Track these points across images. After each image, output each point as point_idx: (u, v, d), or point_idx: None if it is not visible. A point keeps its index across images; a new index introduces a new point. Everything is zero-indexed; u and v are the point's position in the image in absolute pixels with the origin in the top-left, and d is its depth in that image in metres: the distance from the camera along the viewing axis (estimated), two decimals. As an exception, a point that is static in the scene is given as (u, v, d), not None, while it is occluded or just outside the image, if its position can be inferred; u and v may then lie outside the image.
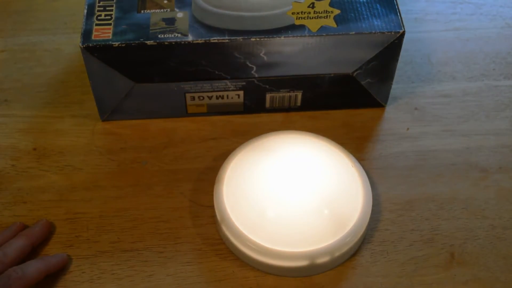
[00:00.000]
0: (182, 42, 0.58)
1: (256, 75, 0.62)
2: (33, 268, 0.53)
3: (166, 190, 0.61)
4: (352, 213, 0.55)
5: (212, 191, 0.58)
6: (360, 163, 0.61)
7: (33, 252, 0.56)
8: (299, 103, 0.65)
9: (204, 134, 0.65)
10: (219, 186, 0.57)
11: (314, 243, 0.54)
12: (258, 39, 0.59)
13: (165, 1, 0.61)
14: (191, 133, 0.65)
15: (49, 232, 0.57)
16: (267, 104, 0.65)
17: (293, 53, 0.60)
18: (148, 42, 0.58)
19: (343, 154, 0.59)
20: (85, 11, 0.60)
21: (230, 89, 0.63)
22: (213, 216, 0.58)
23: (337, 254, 0.54)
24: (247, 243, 0.54)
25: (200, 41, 0.58)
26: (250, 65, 0.61)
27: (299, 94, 0.65)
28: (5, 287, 0.50)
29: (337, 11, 0.61)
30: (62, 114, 0.66)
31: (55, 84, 0.69)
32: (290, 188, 0.56)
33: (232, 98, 0.64)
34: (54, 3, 0.76)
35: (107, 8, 0.61)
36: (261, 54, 0.60)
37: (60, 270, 0.55)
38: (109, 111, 0.65)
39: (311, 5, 0.61)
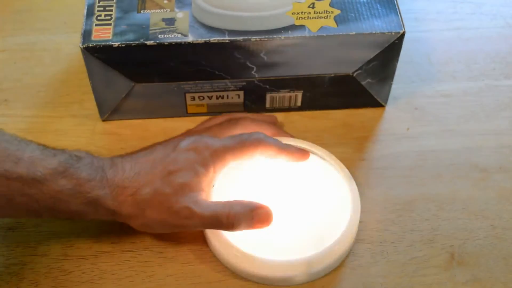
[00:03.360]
0: (182, 42, 0.58)
1: (256, 75, 0.62)
2: (276, 141, 0.56)
3: (166, 190, 0.61)
4: (336, 228, 0.55)
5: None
6: (360, 163, 0.61)
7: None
8: (299, 103, 0.65)
9: (204, 134, 0.65)
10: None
11: (292, 255, 0.53)
12: (258, 39, 0.59)
13: (165, 1, 0.61)
14: (191, 133, 0.65)
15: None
16: (267, 104, 0.65)
17: (293, 53, 0.60)
18: (148, 43, 0.58)
19: (337, 167, 0.58)
20: (85, 11, 0.60)
21: (230, 89, 0.63)
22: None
23: (314, 268, 0.53)
24: (232, 251, 0.54)
25: (200, 41, 0.58)
26: (250, 65, 0.61)
27: (299, 94, 0.65)
28: (243, 141, 0.55)
29: (337, 11, 0.61)
30: (62, 114, 0.66)
31: (55, 84, 0.69)
32: (278, 198, 0.56)
33: (232, 98, 0.64)
34: (54, 3, 0.76)
35: (107, 8, 0.60)
36: (261, 54, 0.60)
37: (295, 159, 0.57)
38: (109, 111, 0.65)
39: (311, 5, 0.61)
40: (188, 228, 0.54)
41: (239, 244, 0.54)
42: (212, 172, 0.54)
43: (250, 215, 0.53)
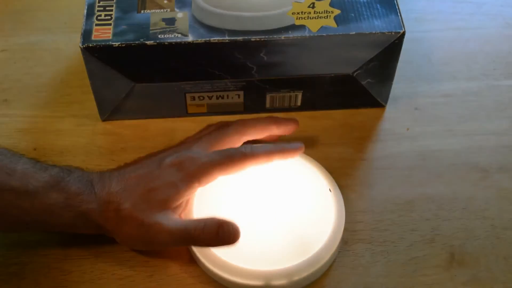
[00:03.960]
0: (182, 42, 0.58)
1: (256, 75, 0.62)
2: (263, 148, 0.55)
3: (166, 190, 0.60)
4: (318, 239, 0.54)
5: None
6: (360, 163, 0.61)
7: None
8: (299, 103, 0.65)
9: (204, 134, 0.65)
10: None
11: (271, 264, 0.53)
12: (258, 39, 0.59)
13: (165, 1, 0.61)
14: (191, 133, 0.64)
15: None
16: (267, 104, 0.65)
17: (293, 53, 0.60)
18: (148, 43, 0.58)
19: (323, 177, 0.58)
20: (85, 11, 0.60)
21: (230, 89, 0.63)
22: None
23: (295, 278, 0.53)
24: (213, 259, 0.54)
25: (200, 41, 0.58)
26: (250, 65, 0.61)
27: (299, 94, 0.65)
28: (230, 156, 0.54)
29: (337, 11, 0.61)
30: (62, 114, 0.66)
31: (55, 84, 0.69)
32: (260, 207, 0.56)
33: (232, 98, 0.64)
34: (54, 3, 0.76)
35: (107, 8, 0.61)
36: (261, 54, 0.60)
37: (287, 157, 0.57)
38: (109, 111, 0.65)
39: (311, 5, 0.61)
40: (161, 245, 0.54)
41: (222, 255, 0.53)
42: (197, 187, 0.54)
43: (215, 231, 0.51)
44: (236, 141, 0.57)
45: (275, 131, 0.59)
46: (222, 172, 0.54)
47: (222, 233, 0.51)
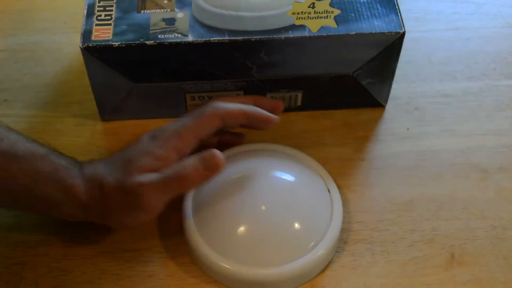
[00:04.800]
0: (182, 42, 0.58)
1: (256, 75, 0.62)
2: (234, 105, 0.56)
3: (166, 190, 0.60)
4: (316, 238, 0.54)
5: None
6: (360, 163, 0.61)
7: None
8: (299, 103, 0.65)
9: (204, 134, 0.65)
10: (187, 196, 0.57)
11: (269, 263, 0.53)
12: (258, 39, 0.59)
13: (165, 1, 0.61)
14: (191, 133, 0.65)
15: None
16: (267, 104, 0.65)
17: (293, 53, 0.60)
18: (148, 43, 0.58)
19: (322, 177, 0.58)
20: (85, 11, 0.60)
21: (230, 89, 0.63)
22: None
23: (291, 277, 0.53)
24: (210, 258, 0.54)
25: (200, 41, 0.58)
26: (250, 65, 0.61)
27: (299, 94, 0.65)
28: (200, 114, 0.54)
29: (337, 11, 0.61)
30: (62, 114, 0.66)
31: (55, 84, 0.69)
32: (259, 206, 0.55)
33: (232, 98, 0.64)
34: (54, 3, 0.76)
35: (107, 8, 0.61)
36: (261, 54, 0.60)
37: (260, 122, 0.57)
38: (109, 111, 0.65)
39: (311, 5, 0.61)
40: (149, 205, 0.52)
41: (220, 255, 0.54)
42: (175, 154, 0.53)
43: (196, 163, 0.51)
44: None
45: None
46: (196, 133, 0.54)
47: (206, 162, 0.51)
